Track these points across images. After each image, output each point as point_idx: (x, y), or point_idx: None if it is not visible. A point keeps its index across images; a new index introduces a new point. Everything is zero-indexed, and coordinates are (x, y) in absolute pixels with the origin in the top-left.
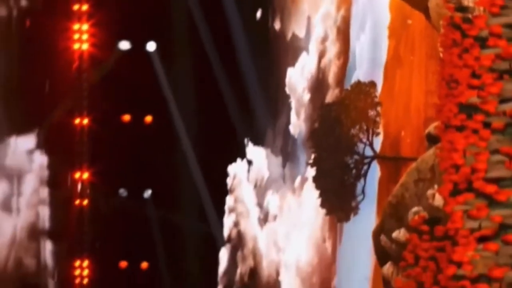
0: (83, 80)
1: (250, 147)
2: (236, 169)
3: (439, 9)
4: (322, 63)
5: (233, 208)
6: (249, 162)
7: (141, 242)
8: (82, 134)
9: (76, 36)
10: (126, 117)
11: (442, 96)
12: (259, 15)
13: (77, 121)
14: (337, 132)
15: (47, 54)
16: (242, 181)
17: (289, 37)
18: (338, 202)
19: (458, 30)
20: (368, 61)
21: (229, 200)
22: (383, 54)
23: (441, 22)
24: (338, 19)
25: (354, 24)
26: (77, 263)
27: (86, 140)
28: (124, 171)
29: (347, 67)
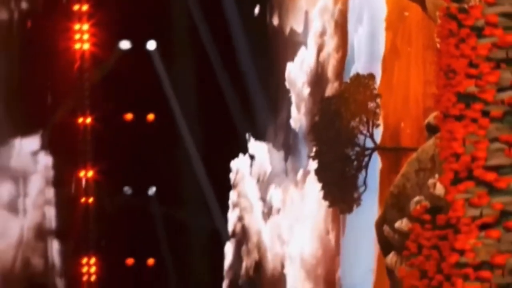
0: (85, 80)
1: (252, 142)
2: (239, 164)
3: (435, 0)
4: (321, 57)
5: (237, 203)
6: (251, 157)
7: (147, 239)
8: (86, 133)
9: (77, 36)
10: (129, 116)
11: (440, 86)
12: (257, 12)
13: (80, 120)
14: (338, 125)
15: (49, 55)
16: (245, 176)
17: (288, 32)
18: (341, 194)
19: (455, 21)
20: (366, 54)
21: (233, 195)
22: (381, 47)
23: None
24: (336, 13)
25: (352, 17)
26: (84, 261)
27: (90, 139)
28: (128, 169)
29: (346, 60)
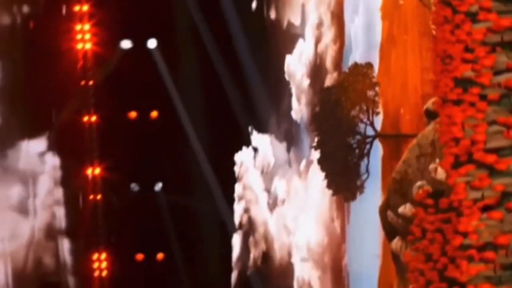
0: (89, 79)
1: (255, 135)
2: (243, 157)
3: None
4: (319, 49)
5: (242, 195)
6: (255, 150)
7: (155, 234)
8: (91, 131)
9: (79, 37)
10: (133, 114)
11: (438, 72)
12: (255, 6)
13: (85, 119)
14: (338, 114)
15: (52, 57)
16: (249, 169)
17: (285, 25)
18: (344, 182)
19: (449, 7)
20: (364, 43)
21: (238, 188)
22: (378, 36)
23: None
24: (332, 4)
25: (348, 8)
26: (95, 256)
27: (95, 137)
28: (134, 166)
29: (344, 51)
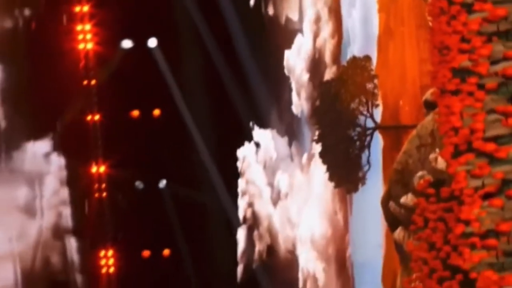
0: (91, 78)
1: (256, 130)
2: (245, 152)
3: None
4: (317, 43)
5: (246, 190)
6: (257, 145)
7: (161, 231)
8: (95, 130)
9: (80, 37)
10: (135, 113)
11: (435, 63)
12: (253, 3)
13: (89, 118)
14: (338, 107)
15: (54, 57)
16: (252, 163)
17: (283, 21)
18: (346, 174)
19: None
20: (361, 37)
21: (241, 183)
22: (375, 28)
23: None
24: None
25: (345, 2)
26: (102, 253)
27: (99, 136)
28: (138, 164)
29: (342, 44)
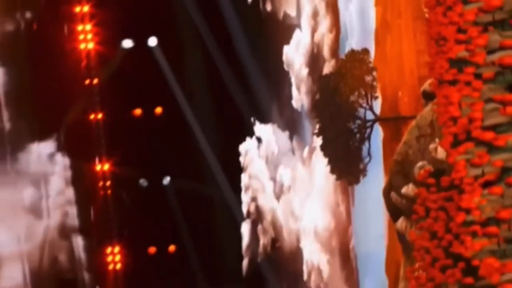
0: (93, 77)
1: (258, 125)
2: (247, 148)
3: None
4: (316, 38)
5: (249, 185)
6: (258, 140)
7: (166, 227)
8: (98, 129)
9: (81, 37)
10: (138, 111)
11: (433, 54)
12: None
13: (92, 117)
14: (338, 101)
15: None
16: (254, 158)
17: (281, 17)
18: (347, 167)
19: None
20: (359, 30)
21: (244, 178)
22: (372, 22)
23: None
24: None
25: None
26: (109, 250)
27: (102, 134)
28: (142, 162)
29: (340, 38)
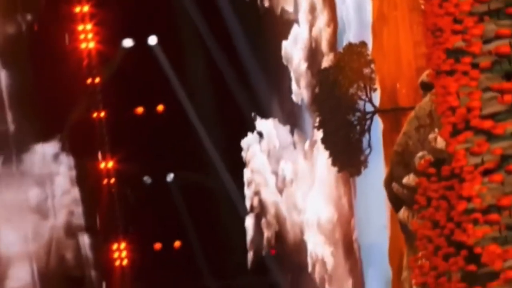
0: (95, 76)
1: (258, 120)
2: (249, 142)
3: None
4: (313, 32)
5: (251, 179)
6: (260, 134)
7: (171, 223)
8: (101, 127)
9: (82, 36)
10: (140, 109)
11: (429, 45)
12: None
13: (95, 115)
14: (337, 94)
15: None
16: (256, 153)
17: (279, 12)
18: (348, 159)
19: None
20: (356, 23)
21: (247, 172)
22: (369, 15)
23: None
24: None
25: None
26: (115, 247)
27: (105, 132)
28: (145, 159)
29: (337, 32)
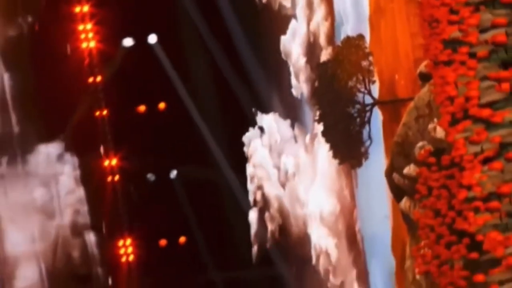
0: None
1: (259, 116)
2: (250, 137)
3: None
4: (311, 27)
5: (254, 174)
6: (261, 129)
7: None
8: (104, 125)
9: (83, 36)
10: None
11: (427, 36)
12: None
13: (97, 113)
14: (336, 87)
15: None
16: (258, 148)
17: (277, 8)
18: (349, 151)
19: None
20: (353, 17)
21: (249, 167)
22: (366, 7)
23: None
24: None
25: None
26: (121, 243)
27: (108, 130)
28: (148, 157)
29: (335, 26)
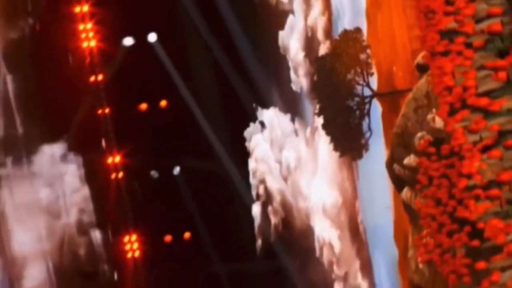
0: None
1: (260, 111)
2: (252, 133)
3: None
4: (309, 21)
5: (256, 168)
6: (262, 124)
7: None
8: (106, 123)
9: (83, 35)
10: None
11: (423, 28)
12: None
13: (99, 112)
14: (335, 80)
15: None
16: (259, 143)
17: (274, 3)
18: (349, 143)
19: None
20: (350, 10)
21: (251, 162)
22: (362, 1)
23: None
24: None
25: None
26: (126, 239)
27: (111, 128)
28: (151, 154)
29: (332, 19)
